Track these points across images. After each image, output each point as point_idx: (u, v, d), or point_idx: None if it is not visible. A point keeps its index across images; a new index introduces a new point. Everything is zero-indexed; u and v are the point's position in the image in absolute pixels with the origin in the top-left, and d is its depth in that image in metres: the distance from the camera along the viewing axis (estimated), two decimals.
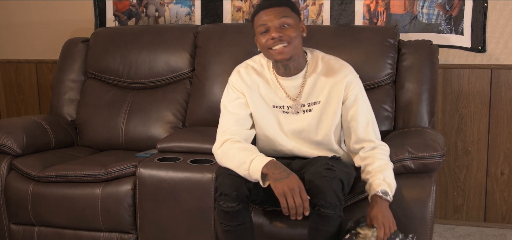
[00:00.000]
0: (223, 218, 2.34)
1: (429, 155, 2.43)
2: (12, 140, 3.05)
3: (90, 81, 3.55)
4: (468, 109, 3.40)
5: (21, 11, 4.10)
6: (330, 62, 2.53)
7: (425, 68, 3.02)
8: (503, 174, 3.40)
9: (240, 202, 2.30)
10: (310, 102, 2.50)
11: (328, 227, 2.25)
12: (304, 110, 2.50)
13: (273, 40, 2.38)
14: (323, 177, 2.26)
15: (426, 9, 3.37)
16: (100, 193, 2.87)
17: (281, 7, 2.40)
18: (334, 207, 2.23)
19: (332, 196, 2.23)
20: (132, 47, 3.48)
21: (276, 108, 2.53)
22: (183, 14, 3.77)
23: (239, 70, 2.58)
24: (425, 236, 2.41)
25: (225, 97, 2.57)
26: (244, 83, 2.54)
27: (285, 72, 2.51)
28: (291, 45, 2.40)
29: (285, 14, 2.39)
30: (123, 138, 3.34)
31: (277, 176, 2.22)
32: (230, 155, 2.37)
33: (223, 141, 2.45)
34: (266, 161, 2.26)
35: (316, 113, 2.50)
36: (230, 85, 2.57)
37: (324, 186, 2.24)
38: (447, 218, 3.51)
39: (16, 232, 3.04)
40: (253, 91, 2.53)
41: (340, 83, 2.47)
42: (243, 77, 2.55)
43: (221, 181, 2.33)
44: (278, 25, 2.38)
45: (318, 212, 2.24)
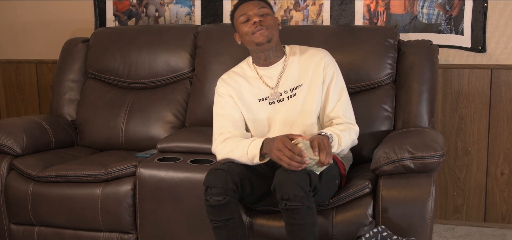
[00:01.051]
0: (211, 214, 2.39)
1: (429, 155, 2.43)
2: (12, 140, 3.05)
3: (90, 81, 3.55)
4: (468, 109, 3.40)
5: (21, 11, 4.10)
6: (306, 50, 2.69)
7: (425, 68, 3.02)
8: (503, 174, 3.40)
9: (226, 195, 2.36)
10: (292, 87, 2.61)
11: (299, 220, 2.27)
12: (288, 96, 2.60)
13: (255, 24, 2.55)
14: (285, 172, 2.31)
15: (426, 9, 3.37)
16: (100, 193, 2.87)
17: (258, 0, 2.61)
18: (301, 198, 2.26)
19: (295, 187, 2.26)
20: (132, 47, 3.48)
21: (262, 101, 2.62)
22: (183, 14, 3.77)
23: (222, 77, 2.73)
24: (425, 236, 2.41)
25: (215, 105, 2.69)
26: (229, 86, 2.66)
27: (264, 62, 2.64)
28: (270, 29, 2.57)
29: (263, 5, 2.60)
30: (123, 138, 3.34)
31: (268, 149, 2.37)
32: (230, 147, 2.51)
33: (222, 140, 2.55)
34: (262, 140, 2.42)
35: (301, 96, 2.60)
36: (217, 93, 2.69)
37: (285, 180, 2.29)
38: (447, 218, 3.51)
39: (16, 232, 3.04)
40: (238, 91, 2.65)
41: (319, 65, 2.60)
42: (227, 81, 2.69)
43: (207, 177, 2.41)
44: (256, 13, 2.57)
45: (286, 207, 2.27)
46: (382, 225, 2.37)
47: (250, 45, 2.62)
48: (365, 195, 2.52)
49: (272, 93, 2.62)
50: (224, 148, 2.53)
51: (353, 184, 2.56)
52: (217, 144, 2.57)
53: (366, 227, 2.34)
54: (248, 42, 2.61)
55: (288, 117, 2.60)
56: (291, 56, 2.66)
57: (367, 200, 2.51)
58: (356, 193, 2.52)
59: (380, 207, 2.45)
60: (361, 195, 2.52)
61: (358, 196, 2.52)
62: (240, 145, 2.48)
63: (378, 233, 2.33)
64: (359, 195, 2.52)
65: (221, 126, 2.61)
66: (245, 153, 2.45)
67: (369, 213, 2.49)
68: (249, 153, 2.44)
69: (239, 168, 2.45)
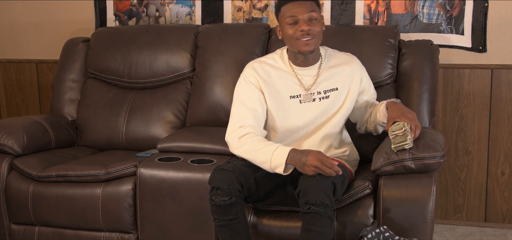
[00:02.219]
0: (216, 213, 2.39)
1: (430, 155, 2.43)
2: (13, 140, 3.05)
3: (90, 81, 3.55)
4: (468, 109, 3.40)
5: (22, 11, 4.10)
6: (339, 54, 2.73)
7: (425, 68, 3.02)
8: (503, 174, 3.40)
9: (232, 196, 2.35)
10: (326, 89, 2.63)
11: (318, 227, 2.28)
12: (320, 97, 2.61)
13: (302, 32, 2.51)
14: (313, 178, 2.34)
15: (426, 9, 3.37)
16: (100, 193, 2.87)
17: (309, 1, 2.55)
18: (324, 206, 2.27)
19: (322, 195, 2.28)
20: (133, 47, 3.48)
21: (293, 99, 2.61)
22: (184, 14, 3.77)
23: (253, 65, 2.66)
24: (426, 236, 2.41)
25: (241, 91, 2.62)
26: (260, 76, 2.62)
27: (303, 62, 2.63)
28: (316, 39, 2.56)
29: (313, 9, 2.54)
30: (124, 138, 3.34)
31: (303, 160, 2.37)
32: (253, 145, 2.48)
33: (246, 133, 2.52)
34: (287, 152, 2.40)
35: (334, 99, 2.63)
36: (246, 80, 2.62)
37: (314, 186, 2.31)
38: (447, 218, 3.51)
39: (16, 232, 3.04)
40: (268, 84, 2.61)
41: (356, 75, 2.67)
42: (258, 71, 2.63)
43: (213, 177, 2.40)
44: (307, 18, 2.52)
45: (309, 210, 2.27)
46: (384, 226, 2.37)
47: (292, 47, 2.60)
48: (366, 195, 2.52)
49: (306, 94, 2.62)
50: (244, 145, 2.50)
51: (354, 185, 2.56)
52: (234, 137, 2.53)
53: (368, 227, 2.34)
54: (291, 44, 2.58)
55: (317, 117, 2.61)
56: (327, 58, 2.68)
57: (368, 201, 2.51)
58: (357, 194, 2.52)
59: (381, 208, 2.45)
60: (362, 196, 2.52)
61: (359, 197, 2.52)
62: (264, 150, 2.45)
63: (380, 233, 2.33)
64: (360, 196, 2.52)
65: (242, 117, 2.56)
66: (268, 160, 2.42)
67: (370, 213, 2.49)
68: (273, 161, 2.41)
69: (245, 167, 2.44)
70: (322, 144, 2.62)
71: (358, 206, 2.51)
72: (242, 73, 2.66)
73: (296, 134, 2.64)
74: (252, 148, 2.47)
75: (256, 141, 2.49)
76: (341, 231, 2.51)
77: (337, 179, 2.41)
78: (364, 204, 2.51)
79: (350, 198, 2.52)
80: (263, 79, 2.61)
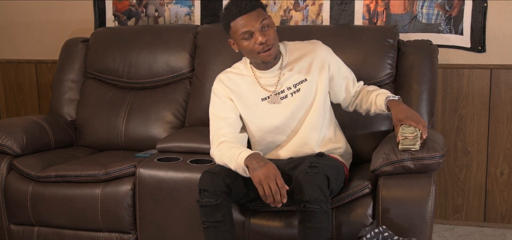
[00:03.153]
0: (203, 215, 2.40)
1: (429, 156, 2.43)
2: (12, 140, 3.05)
3: (90, 81, 3.55)
4: (467, 109, 3.40)
5: (21, 11, 4.10)
6: (301, 46, 2.68)
7: (424, 68, 3.02)
8: (502, 174, 3.40)
9: (218, 197, 2.36)
10: (295, 83, 2.60)
11: (315, 223, 2.28)
12: (291, 92, 2.60)
13: (261, 45, 2.47)
14: (306, 174, 2.33)
15: (425, 9, 3.37)
16: (99, 193, 2.87)
17: (256, 9, 2.49)
18: (320, 202, 2.27)
19: (316, 190, 2.28)
20: (132, 47, 3.48)
21: (264, 101, 2.61)
22: (183, 14, 3.77)
23: (219, 77, 2.67)
24: (425, 236, 2.41)
25: (212, 106, 2.64)
26: (227, 87, 2.63)
27: (264, 66, 2.62)
28: (275, 45, 2.53)
29: (263, 16, 2.49)
30: (123, 138, 3.34)
31: (255, 166, 2.32)
32: (222, 152, 2.46)
33: (219, 143, 2.51)
34: (248, 154, 2.36)
35: (306, 90, 2.60)
36: (215, 93, 2.64)
37: (307, 181, 2.30)
38: (446, 218, 3.51)
39: (15, 232, 3.04)
40: (236, 92, 2.62)
41: (320, 60, 2.63)
42: (224, 82, 2.64)
43: (201, 179, 2.42)
44: (260, 28, 2.47)
45: (304, 208, 2.27)
46: (383, 225, 2.37)
47: (254, 59, 2.59)
48: (365, 195, 2.52)
49: (272, 94, 2.61)
50: (219, 153, 2.49)
51: (353, 185, 2.56)
52: (214, 148, 2.54)
53: (367, 227, 2.34)
54: (252, 57, 2.57)
55: (294, 113, 2.60)
56: (288, 54, 2.64)
57: (367, 201, 2.51)
58: (356, 194, 2.52)
59: (380, 208, 2.45)
60: (361, 196, 2.52)
61: (358, 196, 2.52)
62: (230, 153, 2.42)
63: (379, 233, 2.33)
64: (359, 195, 2.52)
65: (218, 128, 2.58)
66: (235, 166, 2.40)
67: (369, 213, 2.49)
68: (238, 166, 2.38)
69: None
70: (312, 137, 2.61)
71: (357, 205, 2.52)
72: (212, 88, 2.66)
73: (277, 135, 2.63)
74: (224, 156, 2.45)
75: (226, 149, 2.45)
76: (339, 231, 2.52)
77: (331, 172, 2.41)
78: (363, 204, 2.51)
79: (349, 198, 2.53)
80: (230, 88, 2.62)
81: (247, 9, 2.46)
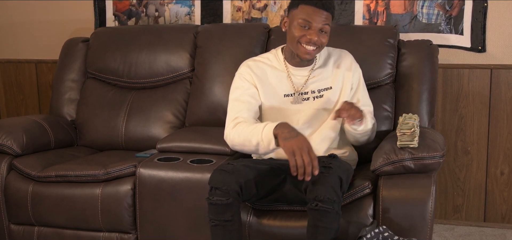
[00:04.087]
0: (212, 212, 2.38)
1: (430, 155, 2.43)
2: (12, 140, 3.05)
3: (90, 81, 3.55)
4: (468, 109, 3.40)
5: (21, 11, 4.10)
6: (333, 52, 2.71)
7: (425, 68, 3.02)
8: (503, 174, 3.40)
9: (230, 196, 2.34)
10: (320, 89, 2.62)
11: (326, 223, 2.27)
12: (314, 96, 2.61)
13: (309, 40, 2.50)
14: (321, 174, 2.32)
15: (426, 9, 3.37)
16: (100, 193, 2.87)
17: (328, 12, 2.52)
18: (332, 202, 2.26)
19: (330, 191, 2.27)
20: (132, 47, 3.48)
21: (287, 97, 2.62)
22: (183, 14, 3.77)
23: (247, 63, 2.66)
24: (425, 236, 2.41)
25: (235, 88, 2.63)
26: (254, 74, 2.62)
27: (299, 63, 2.64)
28: (319, 50, 2.58)
29: (328, 22, 2.53)
30: (123, 138, 3.34)
31: (286, 135, 2.30)
32: (241, 132, 2.46)
33: (236, 124, 2.51)
34: (277, 124, 2.35)
35: (329, 98, 2.62)
36: (240, 77, 2.63)
37: (321, 181, 2.30)
38: (447, 218, 3.51)
39: (16, 232, 3.04)
40: (263, 81, 2.62)
41: (349, 70, 2.66)
42: (252, 68, 2.64)
43: (213, 177, 2.39)
44: (319, 28, 2.51)
45: (316, 207, 2.27)
46: (383, 225, 2.37)
47: (292, 47, 2.59)
48: (366, 195, 2.52)
49: (297, 94, 2.62)
50: (236, 132, 2.49)
51: (353, 185, 2.55)
52: (229, 130, 2.53)
53: (368, 227, 2.34)
54: (292, 43, 2.57)
55: (311, 118, 2.61)
56: (322, 57, 2.67)
57: (368, 201, 2.51)
58: (357, 194, 2.52)
59: (381, 207, 2.45)
60: (361, 196, 2.52)
61: (358, 196, 2.52)
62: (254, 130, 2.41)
63: (379, 233, 2.33)
64: (360, 195, 2.52)
65: (236, 112, 2.56)
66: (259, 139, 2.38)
67: (369, 213, 2.49)
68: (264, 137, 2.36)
69: (244, 169, 2.42)
70: (320, 147, 2.61)
71: (357, 205, 2.51)
72: (237, 71, 2.67)
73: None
74: (243, 132, 2.45)
75: (245, 127, 2.46)
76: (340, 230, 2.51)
77: (343, 174, 2.40)
78: (364, 204, 2.51)
79: (350, 198, 2.52)
80: (258, 76, 2.62)
81: (323, 6, 2.49)
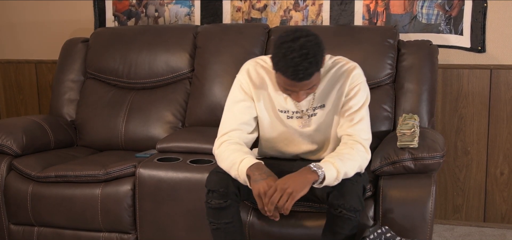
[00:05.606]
0: (211, 216, 2.36)
1: (430, 156, 2.43)
2: (12, 140, 3.05)
3: (89, 81, 3.55)
4: (467, 109, 3.40)
5: (21, 11, 4.10)
6: (335, 64, 2.44)
7: (424, 68, 3.02)
8: (502, 174, 3.40)
9: (228, 198, 2.32)
10: (315, 106, 2.43)
11: (345, 230, 2.27)
12: (309, 114, 2.44)
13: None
14: (349, 181, 2.27)
15: (425, 9, 3.37)
16: (99, 193, 2.87)
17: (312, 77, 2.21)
18: (356, 211, 2.26)
19: (356, 201, 2.26)
20: (132, 47, 3.48)
21: (281, 113, 2.46)
22: (183, 14, 3.77)
23: (248, 68, 2.46)
24: (425, 236, 2.41)
25: (232, 95, 2.47)
26: (253, 83, 2.44)
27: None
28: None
29: (315, 83, 2.26)
30: (123, 138, 3.34)
31: (257, 177, 2.23)
32: (224, 156, 2.36)
33: (221, 142, 2.42)
34: (252, 163, 2.26)
35: (320, 116, 2.44)
36: (238, 86, 2.46)
37: (349, 190, 2.26)
38: (446, 218, 3.51)
39: (15, 232, 3.04)
40: (261, 91, 2.44)
41: (344, 85, 2.40)
42: (252, 76, 2.44)
43: (209, 179, 2.37)
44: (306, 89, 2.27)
45: (340, 214, 2.25)
46: (385, 226, 2.37)
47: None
48: (367, 197, 2.51)
49: (295, 110, 2.44)
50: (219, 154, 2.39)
51: None
52: (216, 147, 2.42)
53: (371, 228, 2.34)
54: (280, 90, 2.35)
55: (304, 134, 2.47)
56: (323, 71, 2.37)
57: (368, 202, 2.51)
58: None
59: (381, 208, 2.45)
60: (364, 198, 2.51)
61: None
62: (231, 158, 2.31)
63: (382, 234, 2.33)
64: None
65: (226, 126, 2.43)
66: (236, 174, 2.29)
67: (370, 215, 2.48)
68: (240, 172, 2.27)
69: None
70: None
71: None
72: (237, 75, 2.49)
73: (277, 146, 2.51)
74: (224, 161, 2.33)
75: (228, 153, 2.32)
76: None
77: (366, 182, 2.38)
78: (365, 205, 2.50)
79: None
80: (256, 86, 2.44)
81: (301, 79, 2.19)
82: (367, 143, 2.38)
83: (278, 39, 2.21)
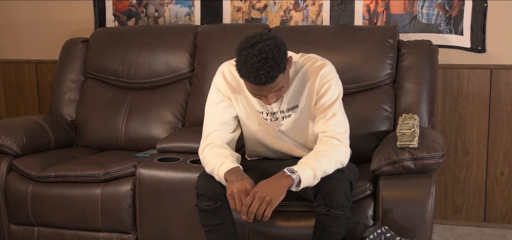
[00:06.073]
0: (203, 219, 2.38)
1: (430, 155, 2.43)
2: (12, 140, 3.05)
3: (89, 81, 3.55)
4: (467, 109, 3.40)
5: (21, 11, 4.10)
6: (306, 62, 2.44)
7: (424, 68, 3.02)
8: (502, 174, 3.40)
9: (217, 200, 2.34)
10: (289, 108, 2.45)
11: (336, 228, 2.27)
12: (283, 116, 2.47)
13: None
14: (333, 179, 2.28)
15: (425, 9, 3.37)
16: (99, 193, 2.87)
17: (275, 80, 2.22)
18: (344, 208, 2.26)
19: (342, 197, 2.26)
20: (132, 47, 3.48)
21: (259, 113, 2.49)
22: (183, 14, 3.77)
23: (223, 70, 2.49)
24: (425, 236, 2.41)
25: (210, 98, 2.52)
26: (229, 84, 2.47)
27: None
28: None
29: (282, 85, 2.27)
30: (123, 138, 3.34)
31: (232, 179, 2.26)
32: (206, 161, 2.40)
33: (204, 146, 2.46)
34: (230, 168, 2.29)
35: (294, 117, 2.46)
36: (215, 88, 2.49)
37: (334, 187, 2.26)
38: (446, 218, 3.51)
39: (15, 232, 3.04)
40: (238, 92, 2.47)
41: (314, 83, 2.39)
42: (227, 78, 2.47)
43: (197, 183, 2.40)
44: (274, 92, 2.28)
45: (328, 213, 2.25)
46: (385, 226, 2.37)
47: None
48: (366, 196, 2.52)
49: (268, 111, 2.47)
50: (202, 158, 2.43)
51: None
52: (201, 150, 2.46)
53: (370, 228, 2.34)
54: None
55: (281, 134, 2.50)
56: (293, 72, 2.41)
57: (368, 201, 2.51)
58: (358, 195, 2.51)
59: (381, 208, 2.45)
60: (362, 197, 2.52)
61: (359, 197, 2.52)
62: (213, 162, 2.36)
63: (382, 234, 2.33)
64: (360, 196, 2.52)
65: (208, 128, 2.48)
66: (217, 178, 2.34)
67: (369, 214, 2.49)
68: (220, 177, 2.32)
69: None
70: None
71: (357, 206, 2.51)
72: (214, 78, 2.50)
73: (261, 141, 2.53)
74: (207, 164, 2.38)
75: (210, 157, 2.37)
76: None
77: (352, 176, 2.38)
78: (364, 205, 2.50)
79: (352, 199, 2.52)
80: (232, 87, 2.46)
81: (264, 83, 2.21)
82: (343, 136, 2.36)
83: (239, 46, 2.25)
